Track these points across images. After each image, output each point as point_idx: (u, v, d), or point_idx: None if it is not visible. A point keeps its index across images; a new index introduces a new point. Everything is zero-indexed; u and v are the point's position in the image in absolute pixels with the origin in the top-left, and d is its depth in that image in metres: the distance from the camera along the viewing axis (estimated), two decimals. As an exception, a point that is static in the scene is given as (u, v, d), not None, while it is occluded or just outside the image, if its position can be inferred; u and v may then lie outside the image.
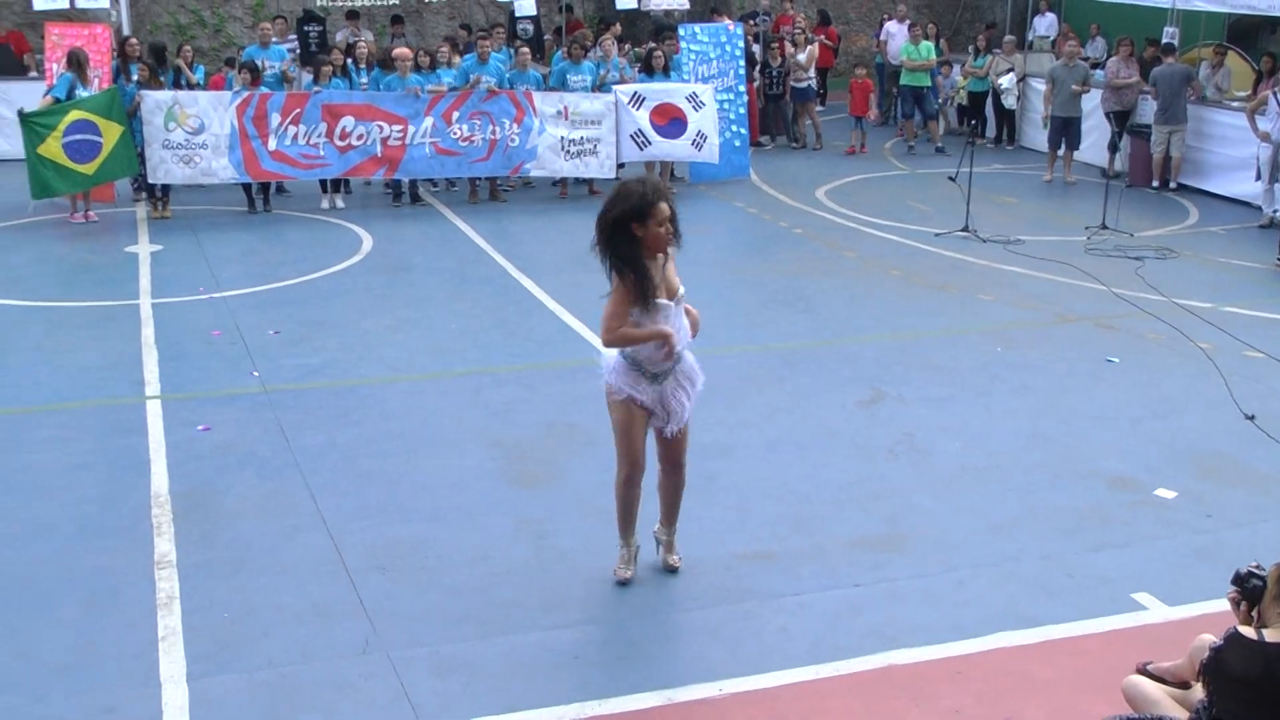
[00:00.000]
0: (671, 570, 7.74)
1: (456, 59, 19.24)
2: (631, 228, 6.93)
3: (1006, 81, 22.67)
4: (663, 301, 7.07)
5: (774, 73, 22.97)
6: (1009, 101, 22.95)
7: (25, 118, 16.75)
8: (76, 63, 17.06)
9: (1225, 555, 7.83)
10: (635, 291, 6.99)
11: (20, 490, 8.91)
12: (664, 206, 6.96)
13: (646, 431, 7.42)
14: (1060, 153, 20.38)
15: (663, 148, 18.80)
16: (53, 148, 16.58)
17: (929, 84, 23.16)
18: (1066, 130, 20.19)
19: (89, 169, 16.88)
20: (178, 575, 7.72)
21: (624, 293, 7.02)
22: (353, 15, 23.02)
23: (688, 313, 7.33)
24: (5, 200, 18.00)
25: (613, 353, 7.36)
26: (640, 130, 18.55)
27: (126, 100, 17.09)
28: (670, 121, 18.62)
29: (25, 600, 7.43)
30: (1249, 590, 5.46)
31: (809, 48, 23.59)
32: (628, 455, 7.44)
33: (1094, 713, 6.12)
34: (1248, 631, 5.36)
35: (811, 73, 23.47)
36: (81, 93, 16.92)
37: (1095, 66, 22.37)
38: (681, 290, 7.23)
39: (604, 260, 7.10)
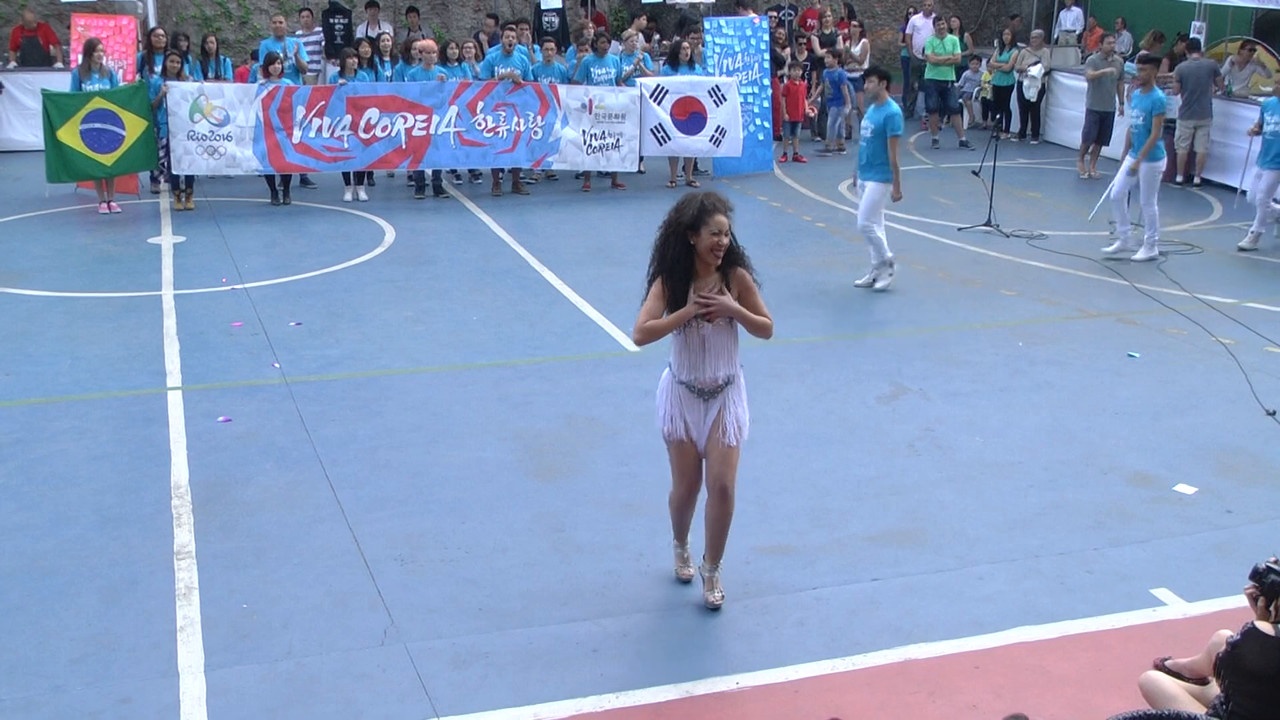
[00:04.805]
0: (713, 609, 7.33)
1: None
2: (686, 235, 6.86)
3: (1035, 71, 22.53)
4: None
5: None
6: (1030, 93, 22.83)
7: (48, 98, 16.86)
8: (84, 51, 17.17)
9: (1244, 551, 7.80)
10: (669, 303, 6.94)
11: (41, 480, 8.96)
12: (721, 219, 6.85)
13: (699, 456, 7.28)
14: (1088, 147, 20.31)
15: (681, 143, 18.79)
16: (71, 134, 16.68)
17: (953, 78, 23.08)
18: (1101, 125, 20.09)
19: (108, 159, 16.97)
20: (197, 566, 7.75)
21: (658, 295, 6.95)
22: (372, 5, 22.99)
23: (752, 319, 7.07)
24: (29, 191, 18.08)
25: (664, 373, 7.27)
26: (660, 124, 18.54)
27: (152, 92, 17.14)
28: (690, 116, 18.61)
29: (44, 590, 7.47)
30: (1267, 586, 5.44)
31: (863, 40, 23.70)
32: (681, 478, 7.34)
33: (1111, 708, 6.09)
34: (1265, 627, 5.34)
35: (866, 64, 23.51)
36: (89, 86, 16.99)
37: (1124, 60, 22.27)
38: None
39: (650, 266, 7.05)
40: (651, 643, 7.00)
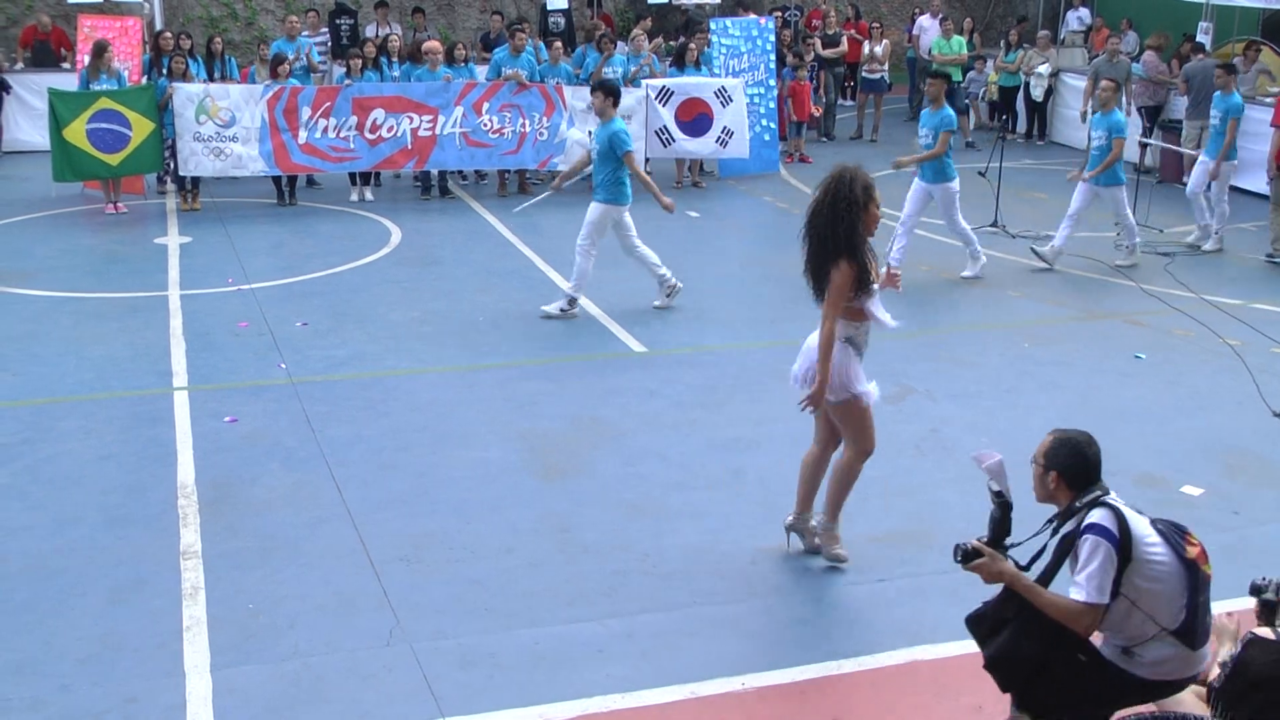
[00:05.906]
0: (844, 562, 7.80)
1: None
2: (864, 210, 7.30)
3: (1044, 69, 22.50)
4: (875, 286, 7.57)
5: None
6: (1036, 93, 22.82)
7: (54, 97, 16.90)
8: (94, 52, 17.22)
9: (1252, 553, 7.78)
10: (858, 278, 7.37)
11: (47, 480, 8.96)
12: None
13: None
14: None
15: (686, 146, 18.81)
16: (77, 133, 16.71)
17: (960, 79, 23.07)
18: None
19: (113, 160, 16.99)
20: (203, 566, 7.75)
21: (848, 277, 7.34)
22: (382, 5, 23.02)
23: None
24: (36, 191, 18.11)
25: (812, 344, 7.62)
26: (664, 127, 18.54)
27: (159, 93, 17.16)
28: (695, 118, 18.62)
29: (51, 590, 7.47)
30: (1263, 604, 5.44)
31: (884, 41, 23.73)
32: (871, 436, 7.74)
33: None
34: (1265, 632, 5.31)
35: (886, 65, 23.54)
36: (97, 87, 17.02)
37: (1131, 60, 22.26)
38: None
39: (828, 248, 7.34)
40: (657, 643, 6.99)
